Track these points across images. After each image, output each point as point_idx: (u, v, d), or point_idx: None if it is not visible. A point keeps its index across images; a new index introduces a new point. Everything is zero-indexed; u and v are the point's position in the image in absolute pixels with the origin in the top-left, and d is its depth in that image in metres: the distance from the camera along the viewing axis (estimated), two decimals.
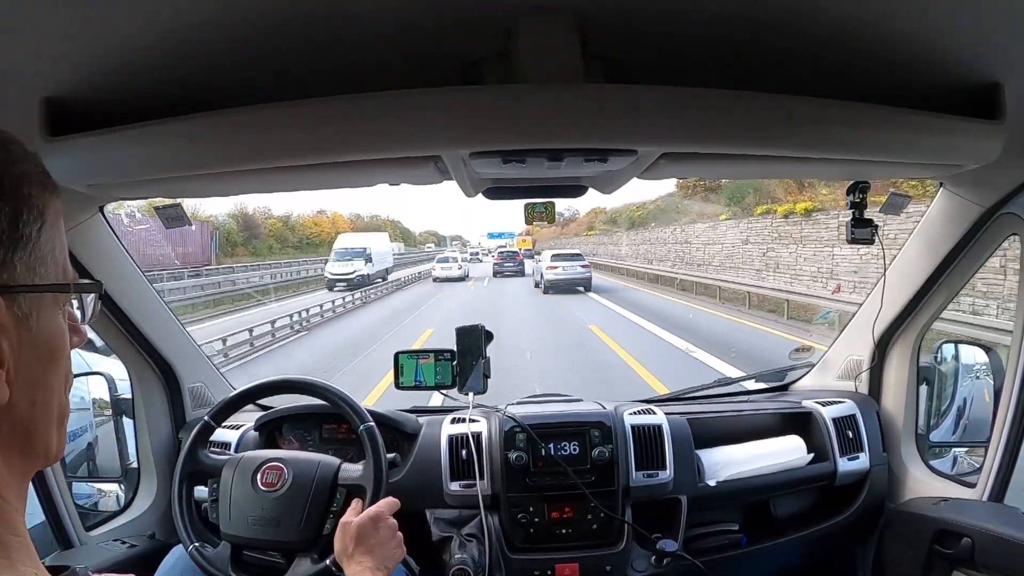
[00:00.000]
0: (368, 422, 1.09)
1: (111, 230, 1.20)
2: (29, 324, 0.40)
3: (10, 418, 0.39)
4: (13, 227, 0.38)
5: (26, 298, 0.39)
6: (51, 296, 0.42)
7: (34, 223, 0.40)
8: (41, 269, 0.40)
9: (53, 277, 0.41)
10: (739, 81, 0.73)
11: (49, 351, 0.42)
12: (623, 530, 1.31)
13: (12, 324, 0.38)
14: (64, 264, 0.43)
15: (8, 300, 0.38)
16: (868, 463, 1.44)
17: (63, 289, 0.43)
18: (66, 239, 0.44)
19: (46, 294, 0.41)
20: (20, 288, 0.39)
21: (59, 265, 0.42)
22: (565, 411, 1.41)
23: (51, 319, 0.42)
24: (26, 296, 0.39)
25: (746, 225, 15.10)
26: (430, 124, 0.71)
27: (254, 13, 0.63)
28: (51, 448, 0.43)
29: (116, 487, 1.46)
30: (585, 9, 0.68)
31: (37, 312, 0.40)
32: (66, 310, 0.44)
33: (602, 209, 36.63)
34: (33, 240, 0.40)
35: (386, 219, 55.87)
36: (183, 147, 0.76)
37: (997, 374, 1.35)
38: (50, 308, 0.42)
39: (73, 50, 0.66)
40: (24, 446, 0.40)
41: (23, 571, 0.38)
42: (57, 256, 0.42)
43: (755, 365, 5.20)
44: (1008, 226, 1.15)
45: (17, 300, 0.39)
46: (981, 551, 1.09)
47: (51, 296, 0.42)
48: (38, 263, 0.40)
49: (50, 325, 0.42)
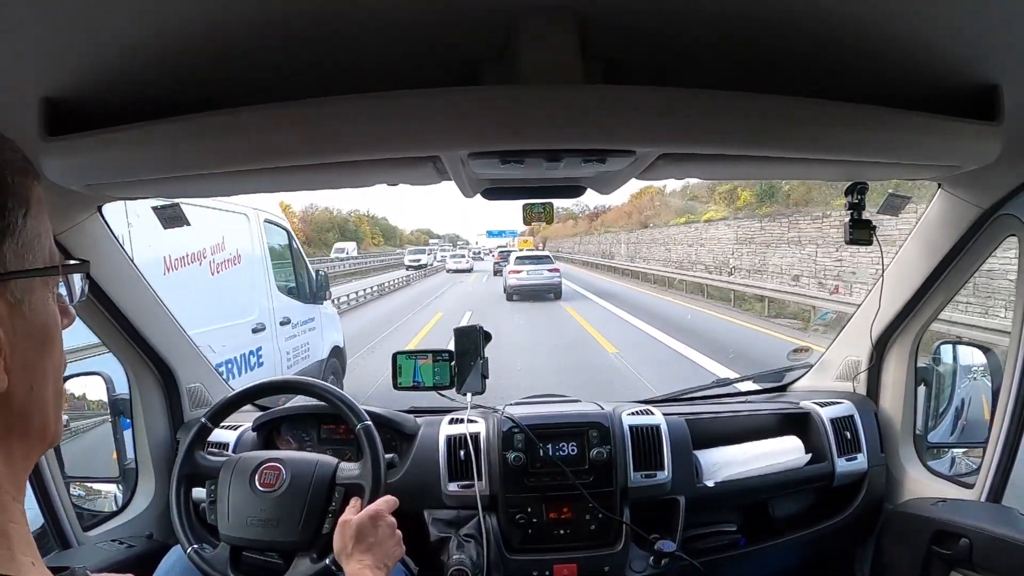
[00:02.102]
0: (365, 421, 1.09)
1: (110, 230, 1.20)
2: (22, 310, 0.40)
3: (8, 405, 0.39)
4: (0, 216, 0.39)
5: (18, 284, 0.40)
6: (40, 280, 0.42)
7: (19, 210, 0.40)
8: (29, 255, 0.41)
9: (41, 262, 0.42)
10: (737, 82, 0.73)
11: (43, 335, 0.42)
12: (621, 531, 1.31)
13: (6, 311, 0.39)
14: (50, 248, 0.43)
15: (0, 288, 0.38)
16: (866, 464, 1.44)
17: (52, 272, 0.43)
18: (50, 223, 0.44)
19: (36, 279, 0.41)
20: (11, 275, 0.39)
21: (45, 249, 0.43)
22: (563, 411, 1.41)
23: (43, 303, 0.42)
24: (17, 282, 0.40)
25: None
26: (429, 124, 0.71)
27: (253, 13, 0.63)
28: (48, 431, 0.43)
29: (114, 487, 1.45)
30: (584, 10, 0.68)
31: (29, 297, 0.41)
32: (55, 293, 0.44)
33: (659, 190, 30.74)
34: (19, 227, 0.40)
35: (363, 215, 51.23)
36: (181, 147, 0.76)
37: (995, 375, 1.35)
38: (41, 292, 0.42)
39: (72, 50, 0.66)
40: (22, 431, 0.41)
41: (22, 560, 0.38)
42: (43, 241, 0.43)
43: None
44: (1006, 227, 1.15)
45: (9, 287, 0.39)
46: (979, 552, 1.10)
47: (40, 280, 0.42)
48: (26, 249, 0.40)
49: (42, 309, 0.42)
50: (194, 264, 3.25)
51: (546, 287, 13.95)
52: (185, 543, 1.05)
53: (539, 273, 14.02)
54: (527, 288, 13.77)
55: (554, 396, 1.55)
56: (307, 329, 4.49)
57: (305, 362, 4.40)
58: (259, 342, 3.78)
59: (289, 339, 4.16)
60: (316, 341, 4.62)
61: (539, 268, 14.16)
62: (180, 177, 0.87)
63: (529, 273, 13.98)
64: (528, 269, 14.07)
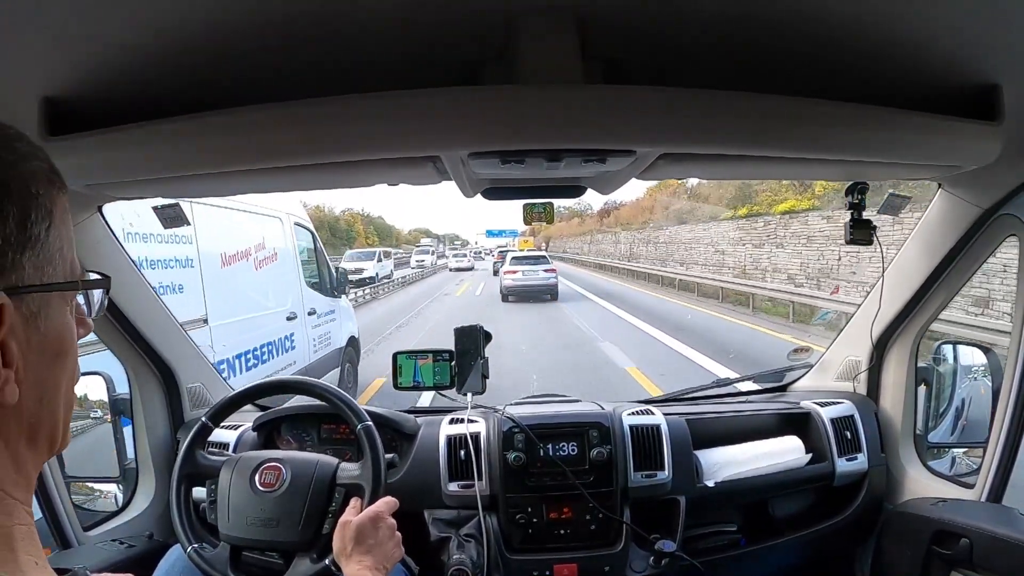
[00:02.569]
0: (366, 421, 1.09)
1: (110, 230, 1.20)
2: (37, 323, 0.39)
3: (18, 415, 0.39)
4: (21, 228, 0.38)
5: (34, 298, 0.39)
6: (59, 294, 0.41)
7: (42, 222, 0.39)
8: (49, 268, 0.40)
9: (61, 275, 0.41)
10: (737, 82, 0.73)
11: (57, 348, 0.41)
12: (621, 530, 1.31)
13: (20, 324, 0.38)
14: (72, 261, 0.43)
15: (16, 301, 0.38)
16: (866, 464, 1.44)
17: (71, 287, 0.42)
18: (73, 234, 0.43)
19: (54, 292, 0.41)
20: (28, 289, 0.38)
21: (67, 262, 0.42)
22: (563, 411, 1.41)
23: (59, 316, 0.41)
24: (34, 296, 0.39)
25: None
26: (429, 124, 0.71)
27: (253, 13, 0.63)
28: (56, 440, 0.43)
29: (114, 487, 1.45)
30: (584, 9, 0.68)
31: (46, 311, 0.40)
32: (73, 305, 0.44)
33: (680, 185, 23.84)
34: (42, 240, 0.39)
35: (358, 213, 50.05)
36: (181, 147, 0.76)
37: (995, 375, 1.35)
38: (58, 306, 0.41)
39: (72, 50, 0.66)
40: (31, 440, 0.41)
41: (25, 560, 0.38)
42: (65, 253, 0.42)
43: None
44: (1006, 227, 1.15)
45: (25, 300, 0.38)
46: (979, 552, 1.10)
47: (59, 294, 0.41)
48: (46, 262, 0.40)
49: (58, 323, 0.41)
50: (243, 260, 3.81)
51: (542, 288, 13.43)
52: (185, 543, 1.05)
53: (535, 274, 13.53)
54: (523, 289, 13.28)
55: (554, 396, 1.55)
56: (329, 320, 4.92)
57: (326, 349, 4.82)
58: (291, 329, 4.26)
59: (315, 327, 4.63)
60: (336, 331, 5.05)
61: (535, 268, 13.66)
62: (180, 177, 0.87)
63: (525, 274, 13.52)
64: (524, 269, 13.62)
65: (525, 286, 13.35)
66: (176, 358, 1.44)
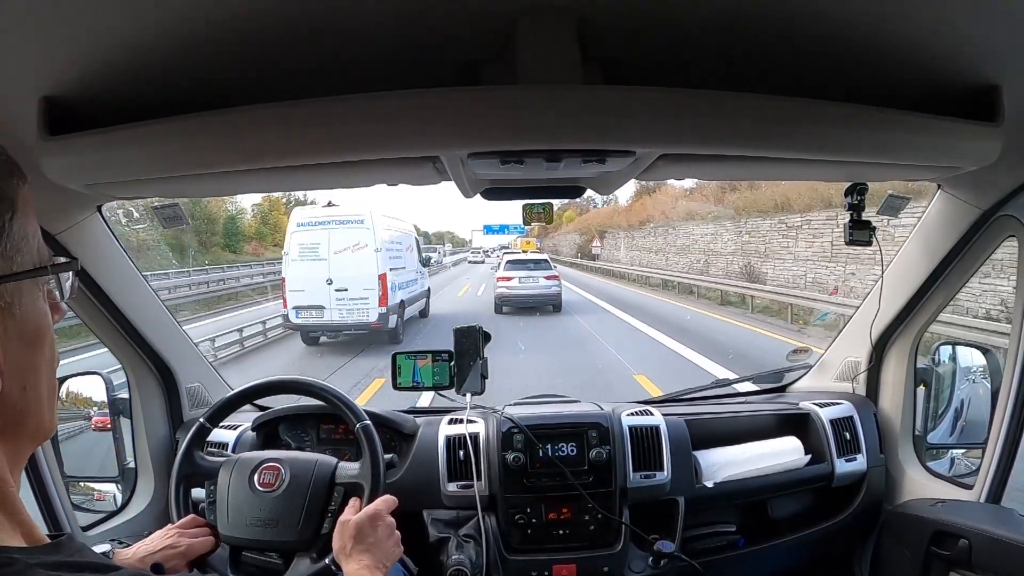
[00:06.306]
0: (365, 420, 1.09)
1: (109, 230, 1.20)
2: (12, 311, 0.40)
3: (2, 404, 0.40)
4: None
5: (7, 287, 0.40)
6: (30, 280, 0.42)
7: (5, 213, 0.40)
8: (18, 257, 0.41)
9: (29, 262, 0.42)
10: (737, 83, 0.73)
11: (34, 335, 0.42)
12: (620, 531, 1.31)
13: None
14: (39, 247, 0.43)
15: None
16: (865, 464, 1.44)
17: (42, 273, 0.43)
18: (38, 224, 0.44)
19: (25, 280, 0.41)
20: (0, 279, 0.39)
21: (33, 249, 0.43)
22: (563, 412, 1.41)
23: (33, 303, 0.42)
24: (6, 285, 0.40)
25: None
26: (428, 125, 0.71)
27: (253, 13, 0.63)
28: (43, 427, 0.44)
29: (113, 487, 1.45)
30: (584, 10, 0.68)
31: (19, 299, 0.41)
32: (45, 290, 0.44)
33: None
34: (7, 231, 0.40)
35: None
36: (181, 147, 0.75)
37: (995, 376, 1.35)
38: (31, 292, 0.42)
39: (72, 49, 0.66)
40: (17, 429, 0.41)
41: (10, 533, 0.39)
42: (31, 241, 0.42)
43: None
44: (1006, 228, 1.15)
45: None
46: (978, 552, 1.10)
47: (30, 280, 0.42)
48: (14, 251, 0.40)
49: (33, 309, 0.42)
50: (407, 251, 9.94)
51: (542, 298, 11.11)
52: None
53: (534, 281, 11.16)
54: (519, 299, 11.00)
55: (553, 396, 1.55)
56: (423, 277, 10.83)
57: (422, 289, 10.66)
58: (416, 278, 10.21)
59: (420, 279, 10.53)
60: (424, 283, 10.96)
61: (534, 275, 11.24)
62: (180, 177, 0.87)
63: (522, 281, 11.12)
64: (521, 276, 11.18)
65: (522, 296, 11.08)
66: (175, 358, 1.44)
